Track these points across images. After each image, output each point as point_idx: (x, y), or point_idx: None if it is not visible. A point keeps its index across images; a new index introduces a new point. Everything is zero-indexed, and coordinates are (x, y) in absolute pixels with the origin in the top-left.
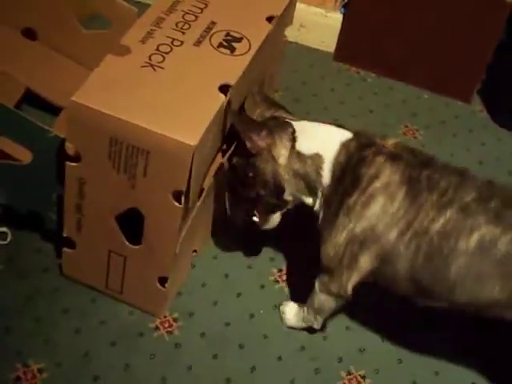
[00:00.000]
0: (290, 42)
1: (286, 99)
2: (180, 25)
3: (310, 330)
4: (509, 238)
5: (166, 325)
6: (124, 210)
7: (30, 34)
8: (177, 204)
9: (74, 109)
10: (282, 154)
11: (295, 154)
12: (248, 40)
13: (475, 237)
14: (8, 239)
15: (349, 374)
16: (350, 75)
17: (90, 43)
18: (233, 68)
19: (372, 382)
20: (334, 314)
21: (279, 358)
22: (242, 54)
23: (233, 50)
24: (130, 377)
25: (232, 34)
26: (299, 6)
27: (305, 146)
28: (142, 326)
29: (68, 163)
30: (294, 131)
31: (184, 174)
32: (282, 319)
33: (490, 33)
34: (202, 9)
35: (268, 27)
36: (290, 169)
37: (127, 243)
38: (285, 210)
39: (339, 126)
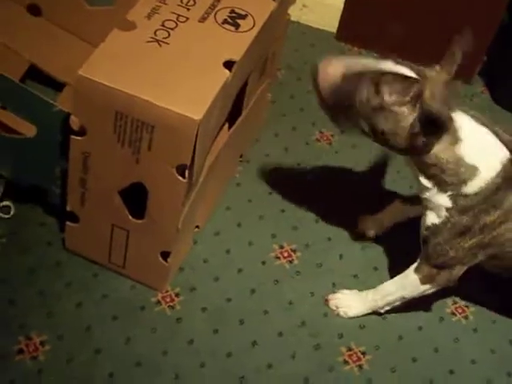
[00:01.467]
0: (292, 22)
1: (289, 78)
2: (185, 1)
3: (312, 306)
4: None
5: (168, 299)
6: (128, 185)
7: (34, 9)
8: (181, 178)
9: (81, 83)
10: (440, 147)
11: (452, 153)
12: (252, 17)
13: None
14: (11, 213)
15: (349, 349)
16: (352, 55)
17: (94, 19)
18: (237, 44)
19: (372, 357)
20: None
21: (280, 334)
22: (246, 31)
23: (237, 26)
24: (132, 350)
25: (237, 10)
26: None
27: (466, 154)
28: (144, 301)
29: (73, 137)
30: (456, 130)
31: (188, 148)
32: (336, 313)
33: (491, 13)
34: None
35: (272, 5)
36: (437, 161)
37: (130, 217)
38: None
39: (498, 134)
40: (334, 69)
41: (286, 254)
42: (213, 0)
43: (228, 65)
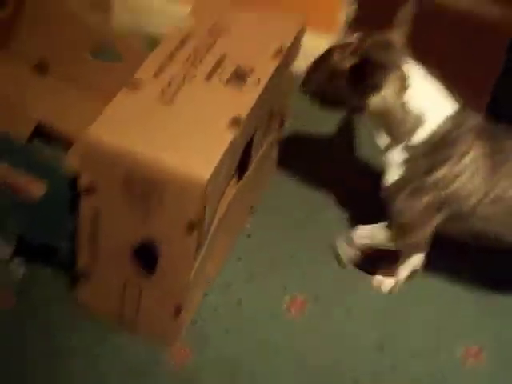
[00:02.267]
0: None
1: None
2: (191, 59)
3: (327, 353)
4: None
5: (181, 352)
6: (139, 242)
7: (41, 67)
8: (190, 236)
9: (90, 143)
10: (389, 93)
11: (401, 101)
12: (257, 73)
13: None
14: (23, 271)
15: None
16: None
17: (100, 76)
18: (243, 102)
19: None
20: None
21: None
22: (251, 88)
23: (243, 83)
24: None
25: (242, 67)
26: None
27: (412, 100)
28: (157, 356)
29: (83, 195)
30: (405, 78)
31: (197, 206)
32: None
33: (490, 65)
34: (212, 44)
35: (277, 60)
36: (386, 107)
37: (142, 273)
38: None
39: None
40: None
41: (297, 304)
42: (219, 57)
43: (234, 122)
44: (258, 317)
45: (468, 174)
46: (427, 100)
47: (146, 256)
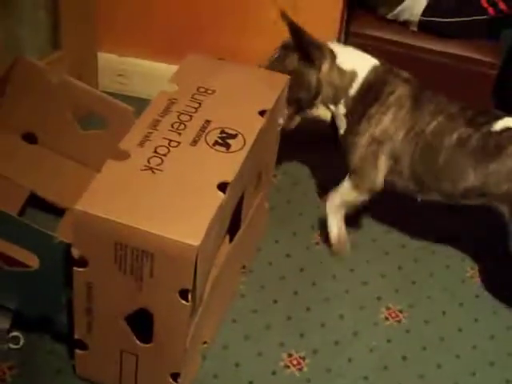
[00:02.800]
0: None
1: (285, 183)
2: (176, 125)
3: None
4: (479, 135)
5: None
6: (133, 311)
7: (30, 138)
8: (184, 302)
9: (79, 216)
10: (326, 67)
11: (336, 68)
12: (242, 135)
13: (455, 135)
14: (21, 343)
15: None
16: None
17: (88, 143)
18: (229, 165)
19: None
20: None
21: None
22: (237, 151)
23: (228, 146)
24: None
25: (226, 130)
26: None
27: (344, 63)
28: None
29: (75, 268)
30: (331, 50)
31: (189, 273)
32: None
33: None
34: (196, 108)
35: (261, 121)
36: (328, 79)
37: (138, 342)
38: (305, 114)
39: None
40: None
41: (295, 362)
42: (203, 122)
43: (222, 187)
44: (258, 378)
45: (393, 110)
46: (354, 59)
47: (142, 325)
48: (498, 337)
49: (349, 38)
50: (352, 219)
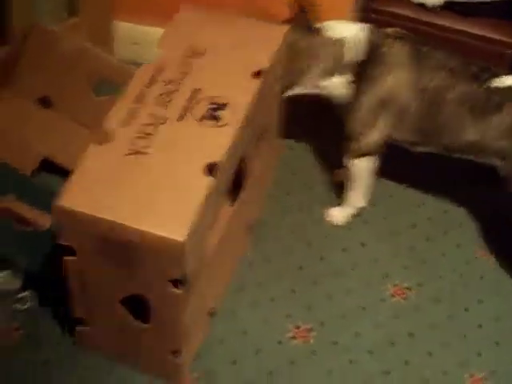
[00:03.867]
0: None
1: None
2: (162, 98)
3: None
4: (481, 90)
5: None
6: (127, 296)
7: (45, 102)
8: (176, 290)
9: (63, 213)
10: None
11: (323, 38)
12: (233, 105)
13: (457, 90)
14: (28, 303)
15: None
16: None
17: (102, 110)
18: (218, 142)
19: None
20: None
21: None
22: (227, 124)
23: (218, 119)
24: None
25: (216, 100)
26: None
27: (333, 33)
28: None
29: (65, 257)
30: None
31: (178, 265)
32: (333, 222)
33: None
34: (184, 74)
35: (256, 84)
36: (323, 50)
37: (137, 322)
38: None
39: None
40: None
41: (301, 334)
42: (191, 91)
43: (211, 167)
44: (264, 346)
45: (395, 69)
46: (340, 29)
47: (140, 306)
48: (503, 317)
49: (369, 14)
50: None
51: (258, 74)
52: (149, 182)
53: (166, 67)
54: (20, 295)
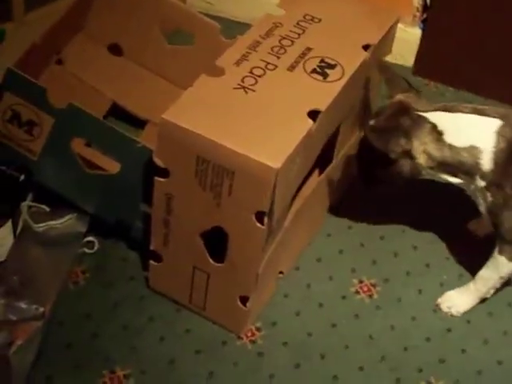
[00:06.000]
0: None
1: None
2: (276, 49)
3: (392, 340)
4: None
5: (249, 334)
6: (209, 228)
7: (115, 49)
8: (259, 225)
9: (164, 126)
10: (422, 150)
11: (446, 146)
12: (342, 67)
13: None
14: (95, 248)
15: (429, 383)
16: (429, 89)
17: (174, 58)
18: (324, 94)
19: None
20: None
21: (360, 368)
22: (334, 81)
23: (326, 76)
24: None
25: (326, 60)
26: None
27: (456, 139)
28: (226, 335)
29: (156, 178)
30: (434, 126)
31: (267, 195)
32: (449, 314)
33: None
34: (299, 34)
35: (364, 55)
36: (434, 159)
37: (211, 261)
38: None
39: (479, 112)
40: None
41: (365, 289)
42: (304, 49)
43: (313, 115)
44: (328, 300)
45: None
46: (468, 133)
47: (217, 243)
48: None
49: None
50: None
51: (367, 47)
52: (251, 113)
53: (284, 25)
54: (87, 239)
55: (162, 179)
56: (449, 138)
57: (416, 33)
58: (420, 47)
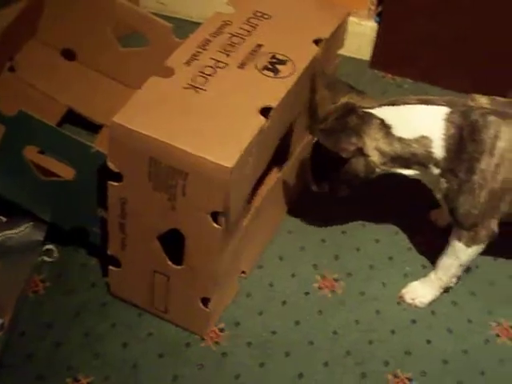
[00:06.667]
0: None
1: None
2: (226, 47)
3: (357, 335)
4: None
5: (213, 335)
6: (166, 230)
7: (68, 54)
8: (216, 225)
9: (115, 129)
10: (374, 147)
11: (396, 139)
12: (293, 62)
13: None
14: (54, 256)
15: (395, 377)
16: (386, 82)
17: (128, 61)
18: (275, 90)
19: None
20: None
21: (325, 364)
22: (285, 77)
23: (277, 72)
24: None
25: (277, 56)
26: None
27: (405, 131)
28: (189, 337)
29: (110, 182)
30: (382, 121)
31: (221, 195)
32: (413, 305)
33: None
34: (249, 31)
35: (315, 50)
36: (386, 155)
37: (170, 263)
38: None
39: (425, 101)
40: None
41: (328, 284)
42: (254, 46)
43: (265, 112)
44: (291, 298)
45: (508, 156)
46: (416, 122)
47: (175, 248)
48: None
49: None
50: None
51: (318, 42)
52: (203, 112)
53: (233, 23)
54: (45, 247)
55: (115, 183)
56: (397, 131)
57: (372, 26)
58: (376, 40)
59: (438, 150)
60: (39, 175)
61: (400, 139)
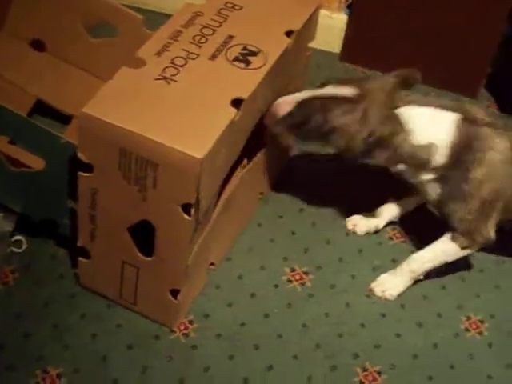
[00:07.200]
0: None
1: None
2: (197, 38)
3: (327, 328)
4: None
5: (182, 327)
6: (136, 222)
7: (38, 45)
8: (186, 216)
9: (85, 120)
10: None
11: (409, 145)
12: (264, 54)
13: None
14: (23, 247)
15: (364, 370)
16: (357, 75)
17: (97, 52)
18: (247, 82)
19: (387, 377)
20: None
21: (295, 357)
22: (257, 68)
23: (248, 63)
24: (148, 379)
25: (249, 47)
26: None
27: (419, 140)
28: (158, 329)
29: (80, 173)
30: (406, 124)
31: (192, 186)
32: (383, 298)
33: (492, 27)
34: (220, 23)
35: (286, 41)
36: (399, 154)
37: (139, 254)
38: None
39: (442, 106)
40: (285, 102)
41: (298, 277)
42: (225, 37)
43: (236, 103)
44: (260, 290)
45: (500, 167)
46: (429, 130)
47: (145, 240)
48: None
49: None
50: None
51: (289, 34)
52: (173, 104)
53: (205, 14)
54: (14, 238)
55: (85, 174)
56: (414, 136)
57: (342, 18)
58: (346, 33)
59: (440, 157)
60: (9, 166)
61: (412, 144)
